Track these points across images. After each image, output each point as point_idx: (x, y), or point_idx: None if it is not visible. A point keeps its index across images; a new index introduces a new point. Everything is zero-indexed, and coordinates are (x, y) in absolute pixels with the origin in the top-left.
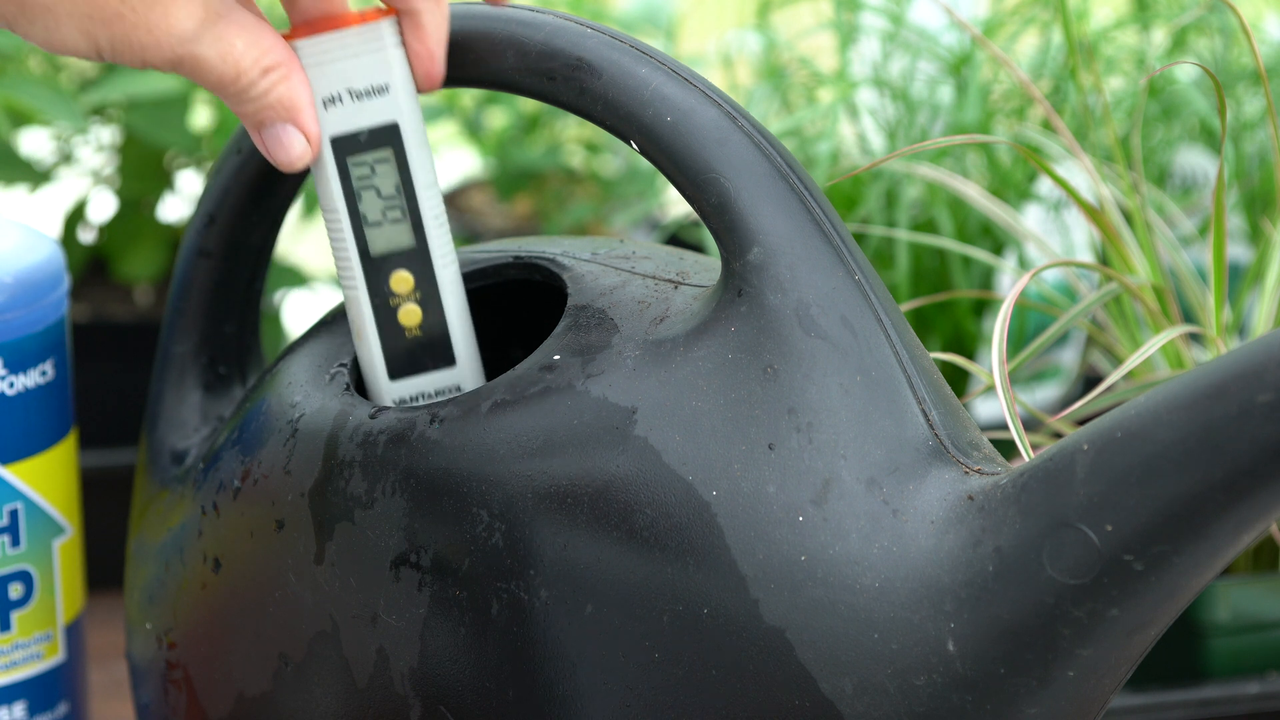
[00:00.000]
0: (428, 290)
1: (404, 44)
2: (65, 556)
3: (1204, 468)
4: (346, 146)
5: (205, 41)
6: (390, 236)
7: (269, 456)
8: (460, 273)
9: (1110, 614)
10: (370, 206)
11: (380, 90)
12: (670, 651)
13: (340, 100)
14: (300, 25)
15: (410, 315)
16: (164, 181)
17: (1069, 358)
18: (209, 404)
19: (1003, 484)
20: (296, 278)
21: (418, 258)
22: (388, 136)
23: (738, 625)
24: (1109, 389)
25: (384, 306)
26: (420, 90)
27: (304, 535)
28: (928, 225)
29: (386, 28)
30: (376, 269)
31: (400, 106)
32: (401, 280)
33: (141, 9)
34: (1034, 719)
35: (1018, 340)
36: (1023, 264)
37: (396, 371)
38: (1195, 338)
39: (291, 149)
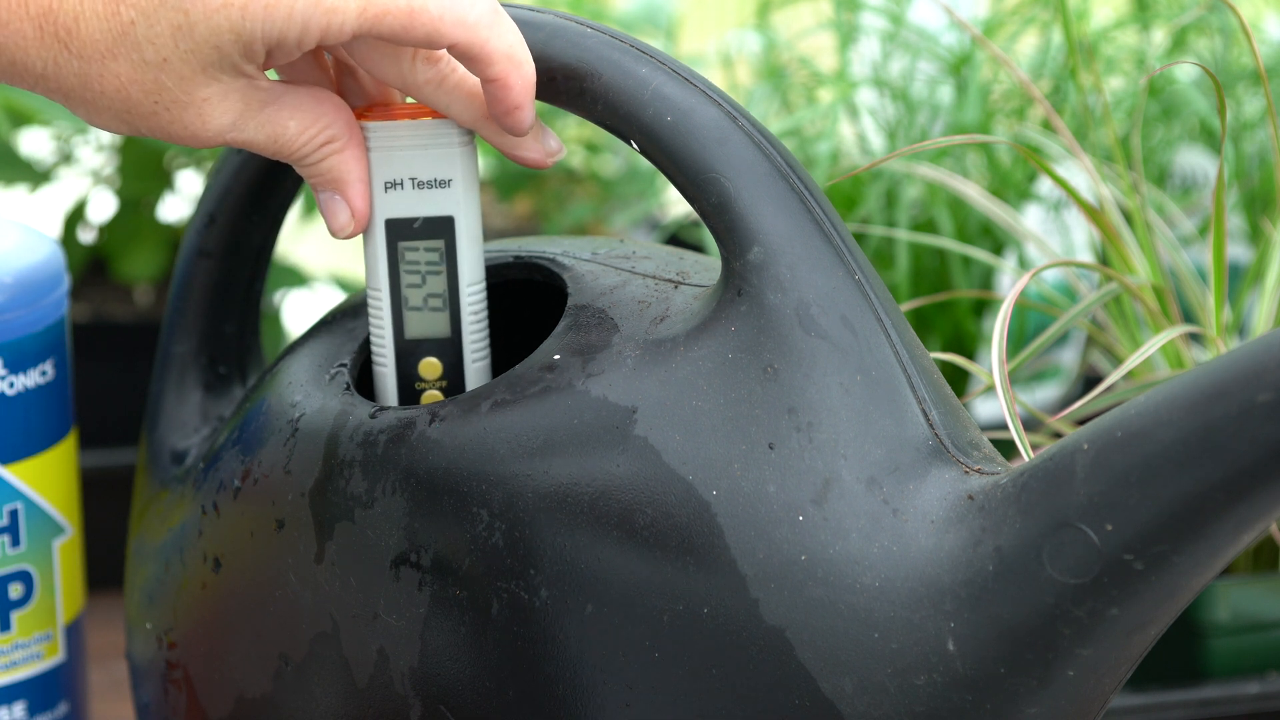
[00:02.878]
0: (454, 380)
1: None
2: (65, 556)
3: (1204, 468)
4: (400, 230)
5: (249, 129)
6: (427, 323)
7: (269, 456)
8: (490, 369)
9: (1110, 613)
10: (413, 291)
11: (443, 183)
12: (670, 651)
13: (401, 186)
14: (376, 107)
15: (432, 400)
16: (164, 181)
17: (1069, 358)
18: (209, 404)
19: (1003, 484)
20: (296, 278)
21: (450, 348)
22: (442, 228)
23: (738, 625)
24: (1109, 389)
25: (409, 388)
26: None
27: (304, 535)
28: (928, 225)
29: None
30: (408, 351)
31: (459, 202)
32: (430, 366)
33: (175, 109)
34: (1034, 718)
35: (1018, 340)
36: (1023, 264)
37: None
38: (1195, 338)
39: (337, 218)
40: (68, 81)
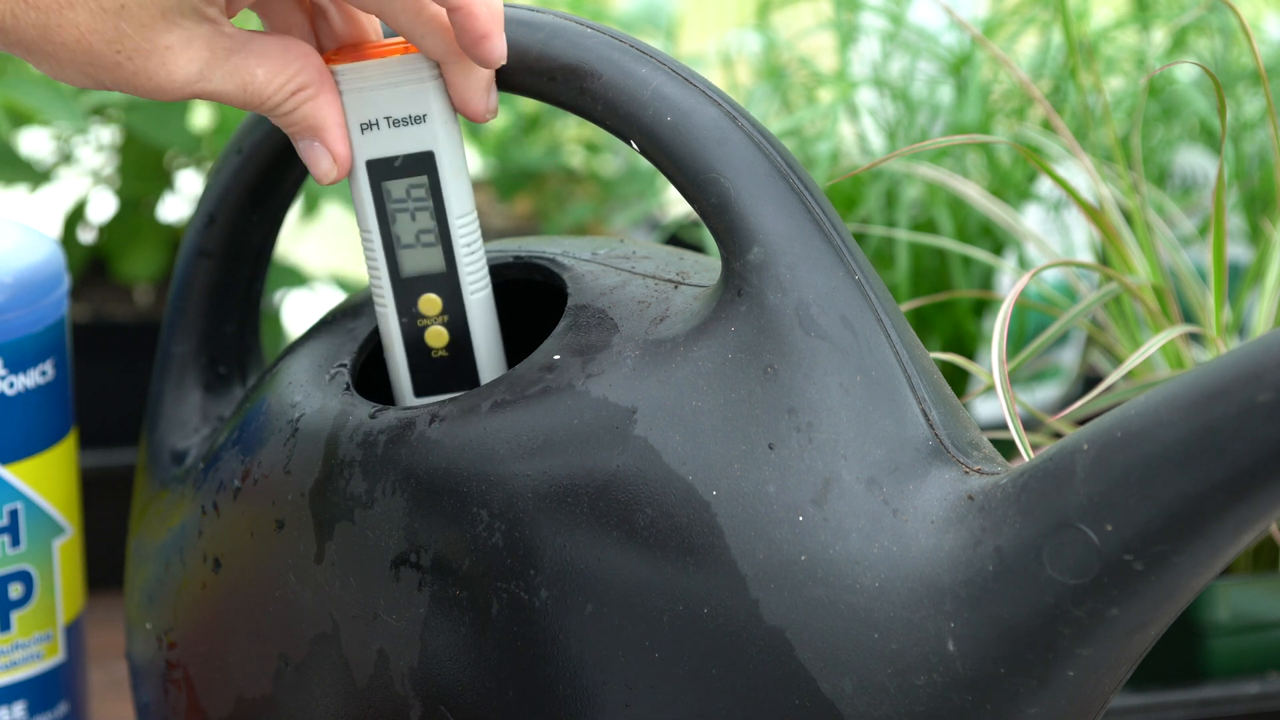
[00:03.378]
0: (455, 314)
1: (452, 83)
2: (65, 556)
3: (1204, 468)
4: (382, 170)
5: (216, 79)
6: (421, 259)
7: (269, 456)
8: (492, 299)
9: (1110, 613)
10: (404, 229)
11: (418, 119)
12: (670, 651)
13: (377, 126)
14: (344, 49)
15: (437, 337)
16: (164, 181)
17: (1069, 358)
18: (209, 404)
19: (1003, 484)
20: (296, 278)
21: (447, 282)
22: (423, 164)
23: (738, 625)
24: (1109, 389)
25: (411, 326)
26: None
27: (304, 535)
28: (928, 225)
29: (427, 58)
30: (406, 289)
31: (437, 136)
32: (430, 302)
33: (138, 58)
34: (1034, 718)
35: (1018, 340)
36: (1023, 264)
37: (422, 389)
38: (1195, 338)
39: (319, 165)
40: (28, 34)
